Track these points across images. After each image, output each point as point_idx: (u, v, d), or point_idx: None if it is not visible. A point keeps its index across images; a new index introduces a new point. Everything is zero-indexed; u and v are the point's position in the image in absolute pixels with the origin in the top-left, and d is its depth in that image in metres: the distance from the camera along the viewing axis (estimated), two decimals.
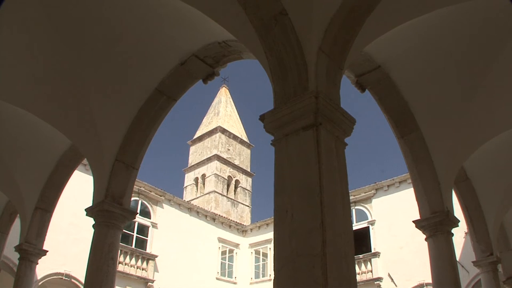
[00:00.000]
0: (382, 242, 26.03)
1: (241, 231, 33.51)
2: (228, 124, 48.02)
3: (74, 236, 22.36)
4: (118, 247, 9.95)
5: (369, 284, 25.38)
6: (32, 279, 14.47)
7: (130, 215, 10.20)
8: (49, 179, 13.93)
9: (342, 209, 4.43)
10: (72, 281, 22.60)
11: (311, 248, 3.94)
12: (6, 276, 19.07)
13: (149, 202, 27.95)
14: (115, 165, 10.22)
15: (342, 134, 5.08)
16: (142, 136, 10.49)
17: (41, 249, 14.27)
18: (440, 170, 10.65)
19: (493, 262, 14.29)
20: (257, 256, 32.35)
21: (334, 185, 4.44)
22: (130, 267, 25.74)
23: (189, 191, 45.81)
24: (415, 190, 10.95)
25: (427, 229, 10.41)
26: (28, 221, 14.08)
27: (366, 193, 27.22)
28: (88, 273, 9.42)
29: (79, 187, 20.59)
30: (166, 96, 10.39)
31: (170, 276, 27.37)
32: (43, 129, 11.93)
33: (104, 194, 9.92)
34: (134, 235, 26.99)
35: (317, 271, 3.85)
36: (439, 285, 9.89)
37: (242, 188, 46.67)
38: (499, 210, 14.46)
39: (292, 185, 4.44)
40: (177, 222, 29.04)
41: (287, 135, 4.78)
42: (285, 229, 4.23)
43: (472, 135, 11.08)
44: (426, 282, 22.26)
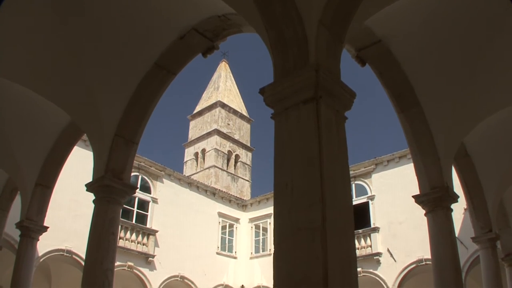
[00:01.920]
0: (382, 217, 26.09)
1: (241, 206, 33.58)
2: (228, 99, 47.94)
3: (74, 212, 22.41)
4: (118, 222, 9.97)
5: (369, 259, 25.50)
6: (33, 255, 14.53)
7: (130, 190, 10.21)
8: (49, 155, 13.91)
9: (342, 183, 4.42)
10: (73, 257, 22.71)
11: (311, 222, 3.94)
12: (7, 253, 19.13)
13: (149, 177, 27.98)
14: (115, 140, 10.20)
15: (342, 107, 5.05)
16: (141, 111, 10.46)
17: (42, 226, 14.31)
18: (440, 145, 10.64)
19: (492, 238, 14.35)
20: (257, 231, 32.46)
21: (334, 158, 4.43)
22: (131, 243, 25.84)
23: (189, 166, 45.90)
24: (415, 165, 10.94)
25: (426, 205, 10.43)
26: (28, 198, 14.10)
27: (365, 168, 27.22)
28: (88, 248, 9.45)
29: (79, 163, 20.58)
30: (166, 71, 10.34)
31: (171, 251, 27.51)
32: (43, 106, 11.89)
33: (104, 170, 9.92)
34: (135, 210, 27.04)
35: (316, 245, 3.85)
36: (438, 260, 9.94)
37: (242, 162, 46.75)
38: (498, 187, 14.49)
39: (292, 159, 4.42)
40: (177, 197, 29.10)
41: (287, 108, 4.75)
42: (285, 203, 4.22)
43: (473, 111, 11.05)
44: (425, 258, 22.33)
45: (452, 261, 9.77)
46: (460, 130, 11.26)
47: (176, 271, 27.60)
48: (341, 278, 3.93)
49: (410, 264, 24.27)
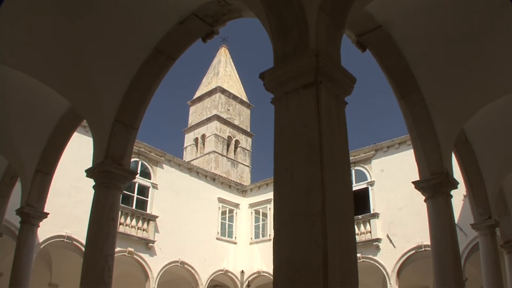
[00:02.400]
0: (381, 203, 26.13)
1: (241, 191, 33.62)
2: (228, 84, 47.89)
3: (75, 199, 22.45)
4: (118, 207, 9.98)
5: (368, 245, 25.57)
6: (33, 242, 14.57)
7: (130, 176, 10.22)
8: (49, 141, 13.90)
9: (342, 168, 4.41)
10: (74, 243, 22.76)
11: (311, 207, 3.93)
12: (8, 240, 19.17)
13: (149, 163, 27.99)
14: (115, 125, 10.19)
15: (343, 92, 5.04)
16: (141, 96, 10.44)
17: (42, 212, 14.33)
18: (440, 131, 10.62)
19: (491, 225, 14.38)
20: (257, 216, 32.52)
21: (334, 143, 4.41)
22: (131, 228, 25.89)
23: (189, 152, 45.94)
24: (415, 151, 10.94)
25: (426, 190, 10.43)
26: (28, 184, 14.11)
27: (365, 154, 27.22)
28: (89, 234, 9.47)
29: (79, 149, 20.59)
30: (165, 56, 10.31)
31: (171, 237, 27.58)
32: (42, 92, 11.85)
33: (104, 155, 9.92)
34: (135, 196, 27.07)
35: (316, 230, 3.84)
36: (438, 246, 9.95)
37: (242, 148, 46.78)
38: (498, 174, 14.50)
39: (292, 144, 4.41)
40: (177, 182, 29.13)
41: (287, 93, 4.73)
42: (285, 188, 4.22)
43: (473, 97, 11.02)
44: (425, 244, 22.38)
45: (451, 247, 9.79)
46: (460, 116, 11.25)
47: (176, 256, 27.69)
48: (341, 263, 3.93)
49: (409, 250, 24.34)
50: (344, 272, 3.97)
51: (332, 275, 3.75)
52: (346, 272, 4.00)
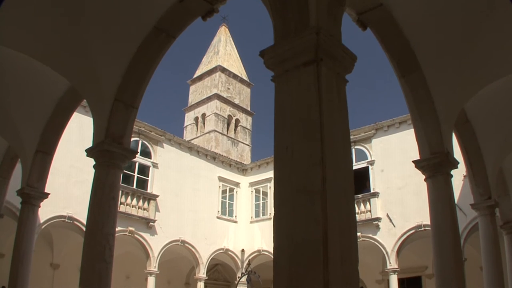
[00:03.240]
0: (381, 183, 26.16)
1: (241, 170, 33.63)
2: (228, 63, 47.72)
3: (75, 179, 22.48)
4: (119, 187, 10.00)
5: (368, 224, 25.65)
6: (34, 222, 14.60)
7: (130, 155, 10.22)
8: (49, 121, 13.86)
9: (342, 146, 4.40)
10: (75, 223, 22.82)
11: (311, 185, 3.93)
12: (9, 221, 19.21)
13: (149, 142, 27.97)
14: (115, 105, 10.17)
15: (343, 70, 5.01)
16: (141, 75, 10.40)
17: (43, 192, 14.35)
18: (441, 111, 10.60)
19: (491, 206, 14.39)
20: (257, 195, 32.57)
21: (335, 121, 4.40)
22: (132, 208, 25.95)
23: (189, 131, 45.93)
24: (415, 130, 10.92)
25: (426, 170, 10.44)
26: (29, 165, 14.11)
27: (366, 133, 27.19)
28: (89, 213, 9.49)
29: (79, 130, 20.58)
30: (165, 34, 10.25)
31: (171, 216, 27.68)
32: (41, 72, 11.80)
33: (104, 134, 9.91)
34: (135, 175, 27.10)
35: (316, 207, 3.84)
36: (437, 225, 9.98)
37: (242, 127, 46.75)
38: (498, 154, 14.47)
39: (292, 121, 4.39)
40: (177, 161, 29.14)
41: (288, 71, 4.70)
42: (285, 166, 4.21)
43: (474, 77, 10.98)
44: (424, 224, 22.45)
45: (451, 227, 9.81)
46: (461, 96, 11.21)
47: (177, 235, 27.80)
48: (341, 241, 3.94)
49: (409, 229, 24.41)
50: (344, 249, 3.98)
51: (332, 253, 3.76)
52: (346, 250, 4.01)
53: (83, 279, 8.98)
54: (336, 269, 3.78)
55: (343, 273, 3.88)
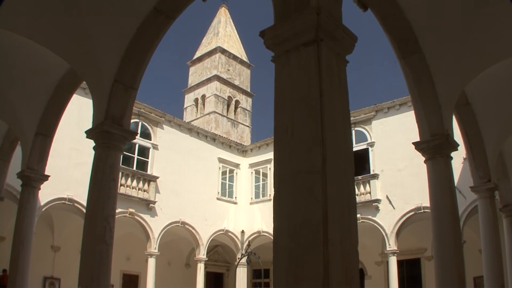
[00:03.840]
0: (381, 164, 26.18)
1: (241, 151, 33.63)
2: (228, 44, 47.60)
3: (75, 161, 22.49)
4: (119, 168, 10.01)
5: (368, 206, 25.71)
6: (35, 205, 14.63)
7: (130, 136, 10.21)
8: (49, 104, 13.83)
9: (342, 127, 4.38)
10: (75, 205, 22.87)
11: (311, 166, 3.92)
12: (10, 204, 19.25)
13: (149, 124, 27.95)
14: (114, 86, 10.14)
15: (344, 51, 4.99)
16: (140, 56, 10.36)
17: (43, 175, 14.36)
18: (442, 93, 10.57)
19: (491, 188, 14.40)
20: (257, 176, 32.61)
21: (335, 102, 4.38)
22: (132, 189, 26.01)
23: (189, 112, 45.94)
24: (416, 112, 10.90)
25: (426, 152, 10.43)
26: (29, 147, 14.10)
27: (366, 115, 27.16)
28: (89, 195, 9.50)
29: (79, 111, 20.55)
30: (164, 15, 10.20)
31: (171, 197, 27.75)
32: (41, 54, 11.75)
33: (104, 116, 9.89)
34: (135, 157, 27.11)
35: (317, 188, 3.84)
36: (437, 207, 9.99)
37: (242, 108, 46.75)
38: (498, 137, 14.44)
39: (292, 102, 4.37)
40: (177, 143, 29.14)
41: (288, 51, 4.68)
42: (285, 147, 4.20)
43: (475, 59, 10.93)
44: (424, 206, 22.49)
45: (450, 209, 9.83)
46: (462, 78, 11.17)
47: (177, 216, 27.89)
48: (341, 222, 3.94)
49: (408, 211, 24.47)
50: (344, 230, 3.98)
51: (332, 233, 3.76)
52: (346, 231, 4.01)
53: (83, 260, 9.02)
54: (336, 249, 3.78)
55: (343, 254, 3.89)
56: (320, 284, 3.66)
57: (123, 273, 28.85)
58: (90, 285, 8.75)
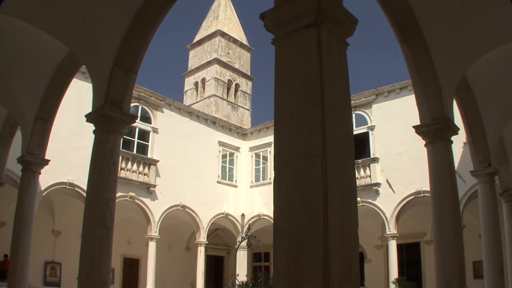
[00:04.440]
0: (381, 148, 26.17)
1: (242, 135, 33.62)
2: (228, 28, 47.45)
3: (75, 145, 22.48)
4: (119, 152, 10.00)
5: (368, 189, 25.74)
6: (35, 189, 14.64)
7: (130, 119, 10.19)
8: (48, 88, 13.79)
9: (342, 110, 4.37)
10: (76, 190, 22.90)
11: (311, 148, 3.91)
12: (10, 189, 19.27)
13: (149, 107, 27.90)
14: (114, 69, 10.10)
15: (344, 34, 4.95)
16: (140, 39, 10.31)
17: (43, 159, 14.35)
18: (442, 76, 10.54)
19: (491, 173, 14.39)
20: (257, 160, 32.62)
21: (335, 84, 4.36)
22: (132, 173, 26.03)
23: (189, 96, 45.94)
24: (416, 95, 10.87)
25: (427, 135, 10.41)
26: (29, 132, 14.08)
27: (366, 98, 27.11)
28: (90, 179, 9.50)
29: (79, 96, 20.51)
30: None
31: (172, 181, 27.79)
32: (39, 38, 11.69)
33: (103, 99, 9.87)
34: (135, 140, 27.11)
35: (317, 170, 3.83)
36: (437, 192, 9.99)
37: (242, 91, 46.72)
38: (499, 122, 14.41)
39: (292, 84, 4.35)
40: (177, 126, 29.11)
41: (288, 33, 4.64)
42: (285, 129, 4.18)
43: (476, 43, 10.87)
44: (424, 190, 22.51)
45: (450, 192, 9.83)
46: (462, 62, 11.12)
47: (177, 200, 27.95)
48: (341, 205, 3.94)
49: (408, 195, 24.52)
50: (345, 213, 3.98)
51: (332, 216, 3.76)
52: (346, 214, 4.01)
53: (84, 244, 9.04)
54: (336, 232, 3.78)
55: (343, 237, 3.89)
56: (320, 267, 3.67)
57: (123, 257, 28.98)
58: (91, 269, 8.78)
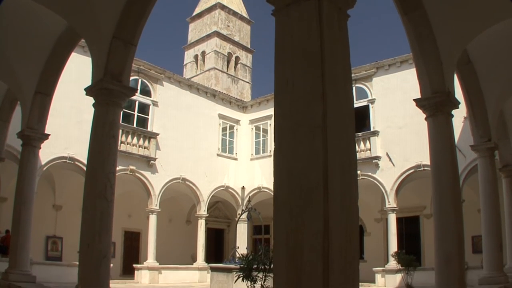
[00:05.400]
0: (382, 121, 26.16)
1: (242, 108, 33.54)
2: (228, 0, 47.09)
3: (76, 119, 22.45)
4: (118, 125, 9.98)
5: (367, 163, 25.79)
6: (36, 164, 14.66)
7: (129, 92, 10.16)
8: (47, 62, 13.73)
9: (343, 81, 4.35)
10: (76, 164, 22.93)
11: (312, 119, 3.89)
12: (11, 165, 19.33)
13: (149, 81, 27.81)
14: (113, 42, 10.04)
15: (345, 5, 4.90)
16: (139, 11, 10.22)
17: (43, 133, 14.34)
18: (443, 50, 10.48)
19: (491, 148, 14.40)
20: (257, 132, 32.60)
21: (336, 56, 4.33)
22: (132, 146, 26.06)
23: (189, 69, 45.79)
24: (417, 69, 10.82)
25: (427, 109, 10.39)
26: (28, 107, 14.05)
27: (366, 71, 27.03)
28: (90, 152, 9.50)
29: (78, 70, 20.44)
30: None
31: (172, 154, 27.82)
32: (38, 12, 11.63)
33: (103, 73, 9.82)
34: (135, 114, 27.09)
35: (317, 142, 3.82)
36: (437, 165, 10.00)
37: (242, 64, 46.55)
38: (499, 96, 14.38)
39: (292, 56, 4.32)
40: (177, 99, 29.03)
41: (288, 5, 4.59)
42: (286, 100, 4.17)
43: (478, 17, 10.79)
44: (424, 163, 22.56)
45: (450, 166, 9.84)
46: (464, 35, 11.06)
47: (178, 173, 28.02)
48: (341, 176, 3.93)
49: (408, 169, 24.60)
50: (345, 184, 3.98)
51: (332, 188, 3.76)
52: (346, 185, 4.01)
53: (85, 217, 9.07)
54: (336, 204, 3.79)
55: (343, 208, 3.90)
56: (320, 238, 3.68)
57: (124, 230, 29.20)
58: (91, 242, 8.81)
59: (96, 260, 8.75)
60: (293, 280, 3.74)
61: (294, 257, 3.75)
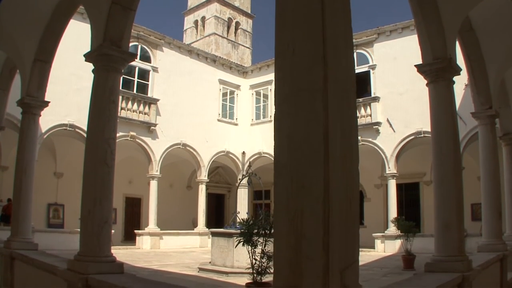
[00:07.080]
0: (382, 87, 26.13)
1: (242, 73, 33.45)
2: None
3: (75, 86, 22.42)
4: (118, 90, 9.92)
5: (368, 128, 25.83)
6: (36, 132, 14.62)
7: (129, 57, 10.08)
8: (46, 29, 13.60)
9: (344, 45, 4.31)
10: (76, 131, 23.01)
11: (312, 83, 3.87)
12: (11, 133, 19.31)
13: (148, 47, 27.68)
14: (112, 7, 9.92)
15: None
16: None
17: (43, 101, 14.28)
18: (445, 16, 10.37)
19: (492, 115, 14.34)
20: (257, 98, 32.58)
21: (337, 19, 4.28)
22: (133, 112, 26.09)
23: (189, 34, 45.54)
24: (419, 34, 10.72)
25: (428, 75, 10.33)
26: (28, 74, 13.96)
27: (368, 37, 26.89)
28: (90, 118, 9.47)
29: (78, 37, 20.30)
30: None
31: (172, 119, 27.85)
32: None
33: (102, 38, 9.74)
34: (135, 80, 27.05)
35: (318, 105, 3.81)
36: (437, 130, 9.97)
37: (242, 30, 46.29)
38: (501, 64, 14.27)
39: (294, 20, 4.28)
40: (177, 65, 28.95)
41: None
42: (286, 64, 4.14)
43: None
44: (424, 130, 22.62)
45: (451, 132, 9.81)
46: (466, 1, 10.94)
47: (178, 139, 28.10)
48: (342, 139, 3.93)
49: (408, 135, 24.69)
50: (345, 149, 3.98)
51: (332, 152, 3.76)
52: (347, 149, 4.01)
53: (85, 184, 9.07)
54: (337, 166, 3.79)
55: (344, 172, 3.90)
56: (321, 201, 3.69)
57: (125, 197, 29.43)
58: (93, 208, 8.84)
59: (98, 226, 8.78)
60: (293, 244, 3.76)
61: (294, 220, 3.76)
